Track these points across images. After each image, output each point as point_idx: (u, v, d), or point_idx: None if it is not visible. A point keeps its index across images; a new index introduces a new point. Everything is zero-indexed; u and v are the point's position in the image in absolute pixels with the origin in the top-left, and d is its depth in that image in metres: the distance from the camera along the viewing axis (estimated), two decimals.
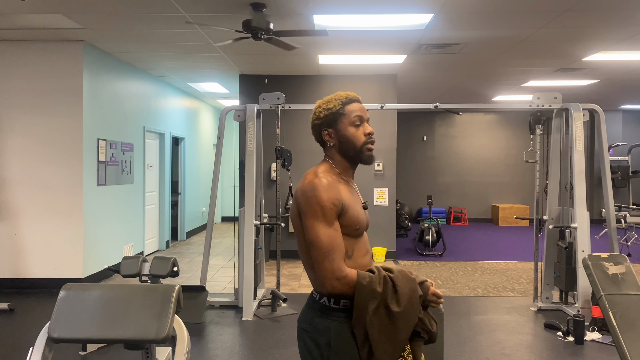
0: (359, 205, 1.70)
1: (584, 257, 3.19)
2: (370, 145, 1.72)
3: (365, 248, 1.71)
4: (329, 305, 1.62)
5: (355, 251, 1.66)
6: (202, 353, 3.98)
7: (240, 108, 5.21)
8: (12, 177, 5.80)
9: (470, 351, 4.02)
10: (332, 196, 1.59)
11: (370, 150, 1.72)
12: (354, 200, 1.68)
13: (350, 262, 1.64)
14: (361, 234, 1.69)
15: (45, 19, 5.01)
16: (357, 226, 1.65)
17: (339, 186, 1.65)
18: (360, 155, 1.71)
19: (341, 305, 1.61)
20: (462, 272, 6.92)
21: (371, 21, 5.05)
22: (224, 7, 4.62)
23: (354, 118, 1.71)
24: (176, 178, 9.84)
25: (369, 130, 1.72)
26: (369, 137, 1.72)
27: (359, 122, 1.71)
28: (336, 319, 1.61)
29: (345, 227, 1.63)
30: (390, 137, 7.76)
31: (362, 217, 1.69)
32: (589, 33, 5.43)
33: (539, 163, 5.23)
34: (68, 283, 2.31)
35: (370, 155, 1.73)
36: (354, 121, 1.71)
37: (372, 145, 1.73)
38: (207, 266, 5.14)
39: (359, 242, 1.68)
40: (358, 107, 1.73)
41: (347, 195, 1.65)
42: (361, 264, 1.67)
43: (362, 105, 1.74)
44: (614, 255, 3.16)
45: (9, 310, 5.00)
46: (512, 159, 12.54)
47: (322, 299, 1.64)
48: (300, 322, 1.71)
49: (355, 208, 1.66)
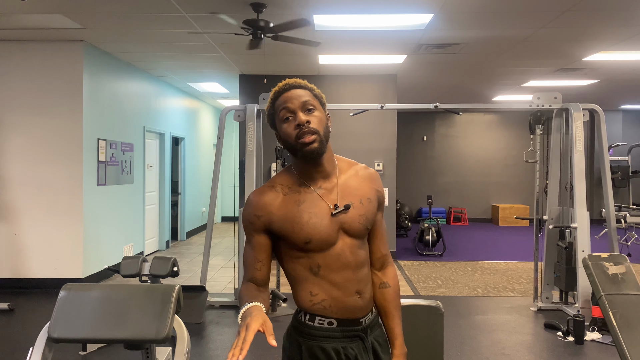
0: (312, 214, 1.44)
1: (584, 257, 3.19)
2: (304, 138, 1.40)
3: (339, 262, 1.46)
4: (304, 321, 1.50)
5: (323, 268, 1.45)
6: (202, 353, 3.98)
7: (240, 108, 5.21)
8: (12, 177, 5.80)
9: (470, 351, 4.02)
10: (249, 212, 1.48)
11: (308, 144, 1.40)
12: (296, 211, 1.44)
13: (318, 279, 1.46)
14: (324, 247, 1.45)
15: (45, 19, 5.01)
16: (302, 239, 1.42)
17: (273, 198, 1.46)
18: (297, 153, 1.44)
19: (316, 323, 1.48)
20: (462, 272, 6.92)
21: (371, 21, 5.05)
22: (224, 7, 4.62)
23: (281, 113, 1.45)
24: (176, 178, 9.84)
25: (299, 120, 1.41)
26: (300, 128, 1.41)
27: (288, 114, 1.43)
28: (307, 337, 1.49)
29: (288, 242, 1.45)
30: (390, 137, 7.76)
31: (312, 229, 1.43)
32: (589, 33, 5.43)
33: (539, 163, 5.23)
34: (68, 283, 2.31)
35: (309, 149, 1.41)
36: (283, 116, 1.45)
37: (309, 137, 1.40)
38: (207, 266, 5.14)
39: (327, 257, 1.45)
40: (286, 97, 1.44)
41: (282, 207, 1.45)
42: (334, 281, 1.46)
43: (295, 92, 1.44)
44: (614, 255, 3.16)
45: (9, 310, 5.00)
46: (512, 159, 12.54)
47: (299, 313, 1.52)
48: (284, 337, 1.59)
49: (293, 220, 1.43)
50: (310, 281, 1.47)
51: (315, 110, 1.45)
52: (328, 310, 1.47)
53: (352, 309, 1.48)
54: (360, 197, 1.52)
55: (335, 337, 1.47)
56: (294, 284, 1.53)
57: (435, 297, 5.55)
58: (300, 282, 1.49)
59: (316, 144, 1.42)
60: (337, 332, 1.48)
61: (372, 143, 7.74)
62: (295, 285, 1.52)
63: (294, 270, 1.50)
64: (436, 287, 6.09)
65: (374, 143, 7.75)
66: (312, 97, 1.46)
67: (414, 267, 7.28)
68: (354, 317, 1.49)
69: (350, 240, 1.48)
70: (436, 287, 6.09)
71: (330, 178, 1.51)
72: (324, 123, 1.46)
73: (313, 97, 1.47)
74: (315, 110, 1.45)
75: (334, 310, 1.47)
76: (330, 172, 1.51)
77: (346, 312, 1.48)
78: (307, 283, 1.48)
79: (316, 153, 1.43)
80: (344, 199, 1.49)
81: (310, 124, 1.42)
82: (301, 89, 1.46)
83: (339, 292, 1.46)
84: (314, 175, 1.48)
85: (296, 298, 1.52)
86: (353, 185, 1.53)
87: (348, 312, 1.48)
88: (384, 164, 7.72)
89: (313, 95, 1.47)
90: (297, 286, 1.51)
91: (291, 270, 1.51)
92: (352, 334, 1.49)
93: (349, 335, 1.49)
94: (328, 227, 1.45)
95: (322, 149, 1.44)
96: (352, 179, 1.54)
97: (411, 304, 2.30)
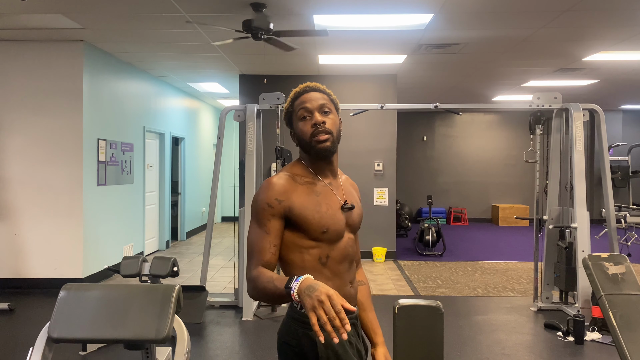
0: (328, 206, 1.54)
1: (584, 257, 3.19)
2: (319, 136, 1.53)
3: (343, 254, 1.57)
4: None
5: (330, 259, 1.54)
6: (202, 353, 3.98)
7: (240, 108, 5.21)
8: (12, 177, 5.80)
9: (470, 351, 4.02)
10: (270, 196, 1.49)
11: (321, 142, 1.53)
12: (316, 201, 1.53)
13: (325, 270, 1.53)
14: (334, 239, 1.54)
15: (45, 19, 5.01)
16: (321, 228, 1.51)
17: (293, 185, 1.53)
18: (311, 150, 1.55)
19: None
20: (462, 272, 6.92)
21: (371, 21, 5.05)
22: (224, 7, 4.62)
23: (300, 112, 1.57)
24: (176, 178, 9.84)
25: (315, 120, 1.54)
26: (316, 127, 1.53)
27: (306, 113, 1.56)
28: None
29: (302, 229, 1.50)
30: (390, 137, 7.76)
31: (329, 219, 1.52)
32: (589, 33, 5.43)
33: (539, 163, 5.23)
34: (68, 283, 2.31)
35: (323, 147, 1.53)
36: (301, 115, 1.57)
37: (323, 135, 1.53)
38: (207, 266, 5.14)
39: (335, 249, 1.55)
40: (306, 98, 1.57)
41: (303, 194, 1.52)
42: (336, 271, 1.55)
43: (314, 94, 1.57)
44: (614, 255, 3.16)
45: (9, 310, 5.00)
46: (512, 159, 12.54)
47: (302, 307, 1.49)
48: (282, 335, 1.58)
49: (313, 208, 1.51)
50: (317, 271, 1.53)
51: (331, 114, 1.59)
52: None
53: (348, 298, 1.59)
54: (356, 200, 1.69)
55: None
56: (299, 275, 1.53)
57: (435, 297, 5.55)
58: (308, 272, 1.53)
59: (329, 143, 1.55)
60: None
61: (372, 143, 7.74)
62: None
63: (302, 261, 1.53)
64: (436, 287, 6.09)
65: (374, 143, 7.75)
66: (328, 101, 1.59)
67: (414, 267, 7.28)
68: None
69: (351, 235, 1.63)
70: (436, 287, 6.09)
71: (336, 177, 1.65)
72: (337, 126, 1.60)
73: (330, 102, 1.60)
74: (330, 113, 1.58)
75: None
76: (336, 171, 1.66)
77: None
78: (314, 274, 1.52)
79: (328, 151, 1.55)
80: (348, 199, 1.64)
81: (326, 124, 1.55)
82: (319, 93, 1.59)
83: (340, 282, 1.57)
84: (325, 171, 1.61)
85: None
86: (348, 188, 1.69)
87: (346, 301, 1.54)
88: (384, 164, 7.72)
89: (330, 100, 1.61)
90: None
91: (299, 262, 1.53)
92: (350, 322, 1.59)
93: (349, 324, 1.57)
94: (341, 219, 1.57)
95: (333, 148, 1.57)
96: (346, 183, 1.70)
97: (411, 304, 2.30)
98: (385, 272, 6.93)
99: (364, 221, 7.62)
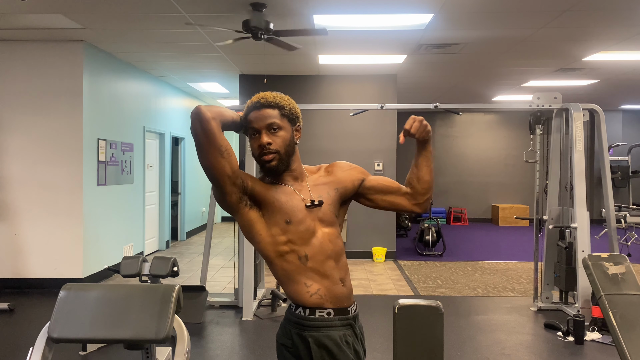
0: (289, 200, 1.60)
1: (584, 257, 3.19)
2: (265, 157, 1.57)
3: (323, 252, 1.60)
4: (305, 315, 1.58)
5: (310, 258, 1.58)
6: (202, 353, 3.98)
7: (240, 108, 5.20)
8: (12, 177, 5.80)
9: (470, 351, 4.02)
10: (249, 175, 1.62)
11: (268, 162, 1.57)
12: (276, 194, 1.61)
13: (308, 270, 1.58)
14: (306, 235, 1.58)
15: (45, 19, 5.01)
16: (282, 216, 1.57)
17: (260, 181, 1.63)
18: (262, 167, 1.61)
19: (317, 315, 1.58)
20: (462, 272, 6.92)
21: (371, 21, 5.05)
22: (224, 7, 4.62)
23: (250, 130, 1.60)
24: (176, 178, 9.84)
25: (261, 141, 1.57)
26: (261, 149, 1.58)
27: (254, 133, 1.59)
28: (312, 329, 1.57)
29: (268, 211, 1.59)
30: (390, 137, 7.75)
31: (290, 210, 1.58)
32: (589, 33, 5.43)
33: (539, 163, 5.23)
34: (68, 283, 2.31)
35: (269, 167, 1.58)
36: (250, 133, 1.61)
37: (268, 156, 1.57)
38: (207, 266, 5.14)
39: (311, 247, 1.59)
40: (254, 116, 1.58)
41: (267, 187, 1.61)
42: (322, 270, 1.59)
43: (264, 112, 1.58)
44: (614, 255, 3.16)
45: (9, 310, 4.99)
46: (512, 159, 12.53)
47: (297, 309, 1.59)
48: (279, 337, 1.64)
49: (272, 195, 1.59)
50: (302, 271, 1.58)
51: (281, 131, 1.59)
52: (324, 299, 1.59)
53: (340, 297, 1.62)
54: (327, 190, 1.68)
55: (336, 326, 1.60)
56: (287, 281, 1.60)
57: (435, 297, 5.55)
58: (293, 275, 1.59)
59: (274, 162, 1.58)
60: (335, 321, 1.60)
61: (372, 143, 7.74)
62: (289, 281, 1.60)
63: (284, 264, 1.59)
64: (436, 287, 6.09)
65: (374, 143, 7.74)
66: (279, 118, 1.59)
67: (414, 267, 7.28)
68: (343, 306, 1.63)
69: (328, 229, 1.63)
70: (436, 287, 6.09)
71: (299, 181, 1.66)
72: (287, 142, 1.60)
73: (281, 117, 1.59)
74: (280, 131, 1.59)
75: (328, 300, 1.59)
76: (298, 176, 1.66)
77: (337, 301, 1.61)
78: (299, 275, 1.58)
79: (274, 170, 1.60)
80: (315, 196, 1.65)
81: (272, 145, 1.57)
82: (271, 109, 1.58)
83: (328, 281, 1.60)
84: (285, 178, 1.64)
85: (292, 294, 1.60)
86: (322, 181, 1.70)
87: (339, 301, 1.62)
88: (384, 164, 7.72)
89: (281, 115, 1.59)
90: (290, 282, 1.60)
91: (284, 265, 1.60)
92: (346, 322, 1.63)
93: (344, 324, 1.62)
94: (306, 215, 1.59)
95: (280, 166, 1.60)
96: (320, 178, 1.71)
97: (411, 304, 2.30)
98: (385, 272, 6.93)
99: (364, 221, 7.63)
